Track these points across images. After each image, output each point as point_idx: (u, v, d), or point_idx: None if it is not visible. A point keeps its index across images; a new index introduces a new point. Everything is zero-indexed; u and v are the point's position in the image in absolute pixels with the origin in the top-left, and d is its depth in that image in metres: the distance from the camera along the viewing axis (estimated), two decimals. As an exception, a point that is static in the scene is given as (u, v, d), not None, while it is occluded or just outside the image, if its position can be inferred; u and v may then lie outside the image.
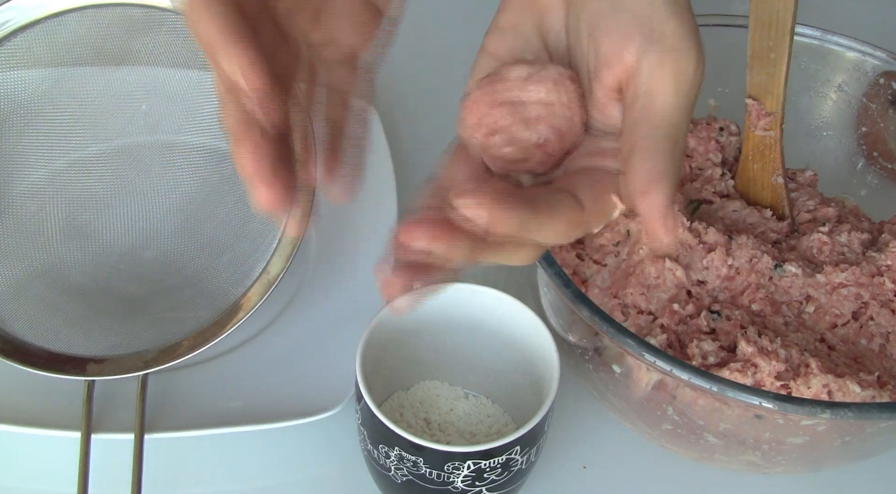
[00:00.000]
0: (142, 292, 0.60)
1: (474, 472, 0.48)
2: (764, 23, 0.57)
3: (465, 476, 0.48)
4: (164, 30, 0.58)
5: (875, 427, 0.48)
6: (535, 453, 0.51)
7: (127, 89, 0.60)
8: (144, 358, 0.56)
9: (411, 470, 0.49)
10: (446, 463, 0.48)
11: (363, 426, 0.51)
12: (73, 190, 0.60)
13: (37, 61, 0.57)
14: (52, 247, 0.59)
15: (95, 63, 0.59)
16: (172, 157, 0.61)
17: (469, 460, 0.48)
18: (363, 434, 0.51)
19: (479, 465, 0.48)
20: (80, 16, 0.57)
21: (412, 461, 0.48)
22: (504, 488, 0.50)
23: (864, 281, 0.55)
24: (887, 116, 0.65)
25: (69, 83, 0.58)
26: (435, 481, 0.49)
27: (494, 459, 0.48)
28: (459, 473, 0.48)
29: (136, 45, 0.59)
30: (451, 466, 0.48)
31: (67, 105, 0.59)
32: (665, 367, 0.47)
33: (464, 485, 0.49)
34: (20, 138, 0.58)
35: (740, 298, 0.55)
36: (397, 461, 0.49)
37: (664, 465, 0.58)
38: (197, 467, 0.57)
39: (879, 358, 0.53)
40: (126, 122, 0.60)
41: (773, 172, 0.61)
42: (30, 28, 0.57)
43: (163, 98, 0.60)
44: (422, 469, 0.48)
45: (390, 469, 0.50)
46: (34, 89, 0.58)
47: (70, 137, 0.60)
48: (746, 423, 0.49)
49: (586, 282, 0.56)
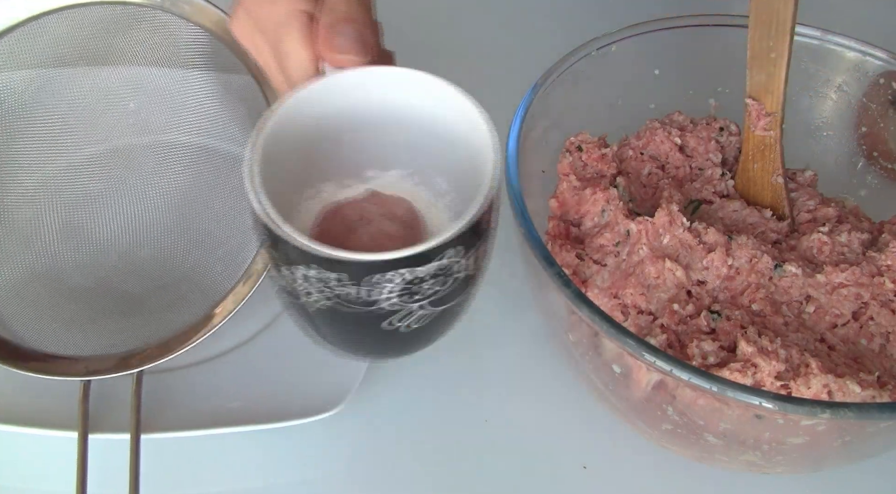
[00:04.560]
0: (137, 290, 0.60)
1: (408, 284, 0.40)
2: (764, 23, 0.57)
3: (392, 290, 0.40)
4: (144, 27, 0.58)
5: (875, 427, 0.48)
6: (475, 260, 0.42)
7: (113, 88, 0.60)
8: (139, 355, 0.56)
9: (326, 293, 0.40)
10: (368, 276, 0.39)
11: (266, 249, 0.42)
12: (66, 190, 0.60)
13: (20, 65, 0.58)
14: (47, 249, 0.59)
15: (80, 64, 0.59)
16: (163, 154, 0.61)
17: (400, 268, 0.39)
18: (272, 260, 0.42)
19: (410, 274, 0.39)
20: (59, 17, 0.57)
21: (332, 278, 0.40)
22: (446, 302, 0.42)
23: (864, 281, 0.55)
24: (887, 116, 0.65)
25: (56, 85, 0.58)
26: (356, 300, 0.40)
27: (427, 266, 0.40)
28: (388, 286, 0.40)
29: (118, 43, 0.59)
30: (375, 278, 0.39)
31: (56, 107, 0.59)
32: (665, 367, 0.47)
33: (399, 300, 0.41)
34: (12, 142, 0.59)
35: (740, 298, 0.55)
36: (309, 283, 0.40)
37: (664, 465, 0.58)
38: (197, 467, 0.57)
39: (879, 358, 0.53)
40: (115, 121, 0.61)
41: (773, 172, 0.61)
42: (9, 33, 0.57)
43: (150, 95, 0.60)
44: (343, 288, 0.40)
45: (300, 296, 0.41)
46: (21, 93, 0.58)
47: (62, 138, 0.60)
48: (746, 423, 0.49)
49: (586, 282, 0.56)
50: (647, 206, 0.61)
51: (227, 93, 0.60)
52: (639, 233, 0.56)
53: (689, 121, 0.66)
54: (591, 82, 0.64)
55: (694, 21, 0.66)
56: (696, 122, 0.65)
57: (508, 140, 0.57)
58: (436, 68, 0.58)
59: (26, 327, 0.56)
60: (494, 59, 0.84)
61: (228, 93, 0.60)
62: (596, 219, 0.59)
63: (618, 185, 0.59)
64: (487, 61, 0.84)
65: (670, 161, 0.63)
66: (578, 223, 0.60)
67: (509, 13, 0.89)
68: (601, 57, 0.64)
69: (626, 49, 0.65)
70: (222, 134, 0.61)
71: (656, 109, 0.67)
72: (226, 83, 0.60)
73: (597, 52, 0.64)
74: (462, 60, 0.82)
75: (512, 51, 0.84)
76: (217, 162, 0.61)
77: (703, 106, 0.68)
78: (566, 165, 0.61)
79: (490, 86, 0.81)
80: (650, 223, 0.56)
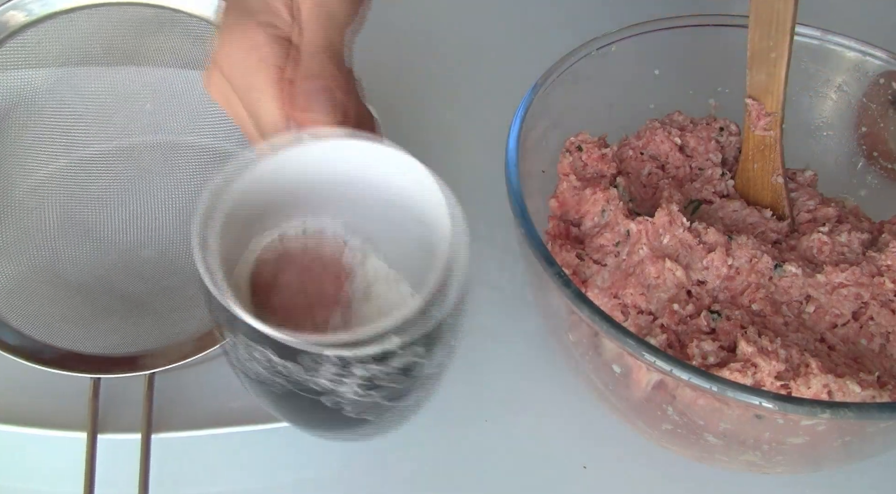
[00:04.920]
0: (144, 290, 0.60)
1: (340, 371, 0.37)
2: (764, 23, 0.57)
3: (332, 376, 0.38)
4: (176, 31, 0.58)
5: (875, 427, 0.48)
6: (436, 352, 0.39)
7: (132, 87, 0.60)
8: (151, 357, 0.56)
9: (267, 367, 0.38)
10: (298, 356, 0.37)
11: (208, 305, 0.40)
12: (75, 187, 0.60)
13: (45, 57, 0.58)
14: (55, 244, 0.59)
15: (103, 60, 0.59)
16: (175, 157, 0.61)
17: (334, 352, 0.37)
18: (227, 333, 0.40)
19: (345, 360, 0.37)
20: (90, 13, 0.57)
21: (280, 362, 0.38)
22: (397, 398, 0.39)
23: (864, 281, 0.55)
24: (887, 116, 0.65)
25: (75, 79, 0.58)
26: (293, 379, 0.38)
27: (363, 349, 0.37)
28: (323, 370, 0.37)
29: (144, 44, 0.59)
30: (308, 360, 0.37)
31: (72, 101, 0.59)
32: (665, 367, 0.47)
33: (333, 386, 0.38)
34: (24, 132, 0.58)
35: (740, 298, 0.55)
36: (248, 355, 0.39)
37: (664, 465, 0.58)
38: (200, 467, 0.57)
39: (879, 358, 0.53)
40: (129, 120, 0.60)
41: (773, 172, 0.61)
42: (40, 24, 0.57)
43: (168, 98, 0.60)
44: (287, 369, 0.38)
45: (244, 365, 0.40)
46: (40, 85, 0.58)
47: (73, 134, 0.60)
48: (746, 423, 0.49)
49: (586, 282, 0.56)
50: (647, 206, 0.61)
51: None
52: (639, 233, 0.56)
53: (689, 121, 0.66)
54: (591, 82, 0.64)
55: (694, 21, 0.66)
56: (696, 122, 0.65)
57: (508, 140, 0.57)
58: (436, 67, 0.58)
59: (33, 322, 0.56)
60: (494, 59, 0.84)
61: None
62: (596, 219, 0.59)
63: (618, 185, 0.59)
64: (487, 61, 0.84)
65: (670, 161, 0.63)
66: (578, 223, 0.60)
67: (509, 13, 0.89)
68: (601, 57, 0.64)
69: (626, 49, 0.65)
70: (238, 138, 0.61)
71: (656, 109, 0.67)
72: None
73: (597, 52, 0.64)
74: (462, 60, 0.82)
75: (512, 51, 0.84)
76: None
77: (703, 106, 0.68)
78: (566, 165, 0.61)
79: (490, 86, 0.82)
80: (650, 223, 0.56)
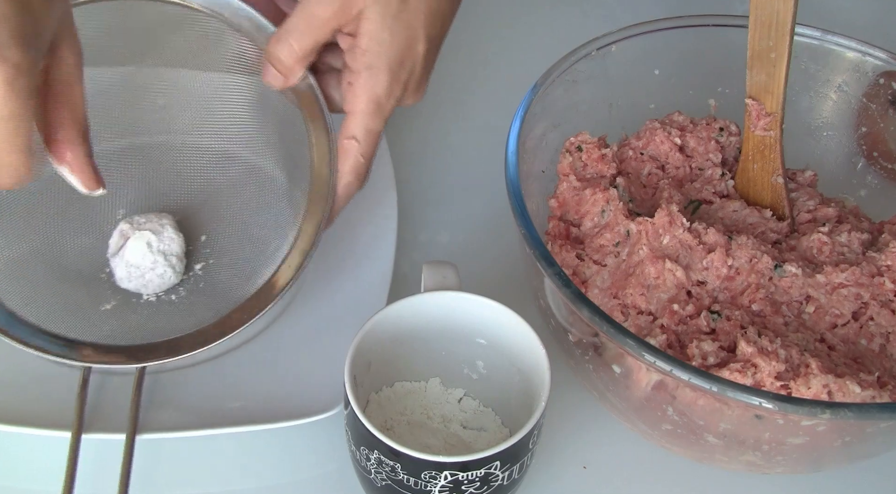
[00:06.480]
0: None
1: (451, 483, 0.47)
2: (764, 23, 0.57)
3: (442, 487, 0.47)
4: (196, 29, 0.58)
5: (875, 427, 0.48)
6: (518, 470, 0.49)
7: (146, 83, 0.59)
8: (144, 351, 0.55)
9: (389, 475, 0.48)
10: (423, 472, 0.47)
11: (348, 427, 0.50)
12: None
13: None
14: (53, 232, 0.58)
15: (119, 55, 0.58)
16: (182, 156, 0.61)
17: (446, 470, 0.46)
18: (348, 434, 0.51)
19: (456, 477, 0.47)
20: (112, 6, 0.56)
21: (390, 466, 0.48)
22: None
23: (864, 282, 0.55)
24: (887, 116, 0.65)
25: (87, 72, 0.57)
26: (412, 488, 0.48)
27: (472, 472, 0.47)
28: (436, 483, 0.47)
29: (163, 41, 0.58)
30: (427, 475, 0.47)
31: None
32: (665, 367, 0.47)
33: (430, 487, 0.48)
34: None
35: (740, 298, 0.55)
36: (377, 464, 0.49)
37: (664, 465, 0.58)
38: (195, 467, 0.57)
39: (879, 359, 0.53)
40: (140, 116, 0.60)
41: (773, 172, 0.61)
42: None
43: (181, 95, 0.60)
44: (399, 475, 0.48)
45: (370, 472, 0.50)
46: None
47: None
48: (746, 423, 0.49)
49: (586, 283, 0.56)
50: (647, 206, 0.61)
51: (260, 104, 0.59)
52: (639, 234, 0.56)
53: (689, 121, 0.66)
54: (591, 82, 0.64)
55: (694, 21, 0.66)
56: (696, 122, 0.65)
57: (508, 140, 0.57)
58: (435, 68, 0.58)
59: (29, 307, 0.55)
60: (494, 59, 0.84)
61: (262, 105, 0.59)
62: (596, 219, 0.59)
63: (617, 186, 0.59)
64: (487, 61, 0.84)
65: (670, 161, 0.63)
66: (578, 223, 0.60)
67: (509, 13, 0.89)
68: (601, 57, 0.64)
69: (626, 49, 0.65)
70: (246, 142, 0.60)
71: (656, 109, 0.67)
72: (262, 95, 0.59)
73: (597, 52, 0.64)
74: (462, 60, 0.82)
75: (512, 51, 0.84)
76: (236, 169, 0.60)
77: (703, 106, 0.68)
78: (566, 165, 0.61)
79: (490, 86, 0.82)
80: (650, 223, 0.56)
